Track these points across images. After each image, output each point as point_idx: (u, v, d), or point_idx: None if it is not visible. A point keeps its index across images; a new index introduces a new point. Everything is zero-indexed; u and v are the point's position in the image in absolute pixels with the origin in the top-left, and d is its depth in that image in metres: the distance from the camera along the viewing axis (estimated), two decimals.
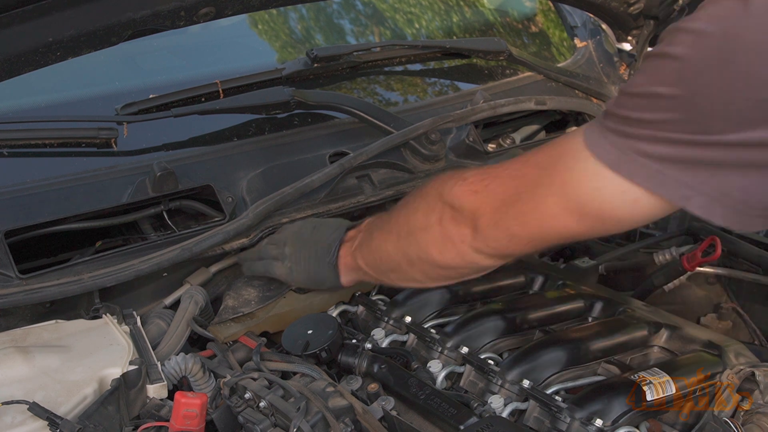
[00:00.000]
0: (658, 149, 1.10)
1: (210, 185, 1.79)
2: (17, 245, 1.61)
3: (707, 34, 1.05)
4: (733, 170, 1.07)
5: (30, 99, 1.98)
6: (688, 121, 1.07)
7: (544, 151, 1.28)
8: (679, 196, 1.10)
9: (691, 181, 1.09)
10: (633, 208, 1.16)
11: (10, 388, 1.37)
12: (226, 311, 1.70)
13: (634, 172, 1.12)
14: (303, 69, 2.11)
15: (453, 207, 1.33)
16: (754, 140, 1.05)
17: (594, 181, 1.16)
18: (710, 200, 1.09)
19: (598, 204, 1.18)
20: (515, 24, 2.78)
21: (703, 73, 1.05)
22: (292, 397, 1.39)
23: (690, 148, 1.08)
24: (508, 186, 1.29)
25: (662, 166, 1.10)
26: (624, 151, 1.12)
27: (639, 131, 1.11)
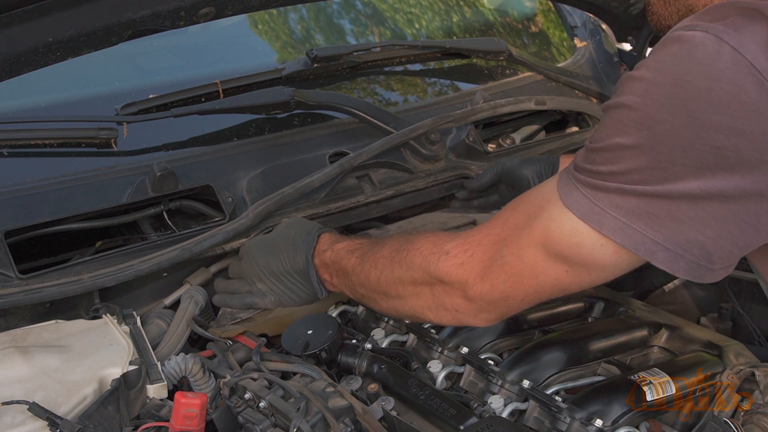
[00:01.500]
0: (626, 202, 1.12)
1: (210, 185, 1.79)
2: (17, 245, 1.61)
3: (658, 82, 1.07)
4: (694, 225, 1.10)
5: (30, 99, 1.98)
6: (653, 168, 1.09)
7: (521, 208, 1.29)
8: (645, 251, 1.13)
9: (656, 236, 1.11)
10: (615, 260, 1.18)
11: (10, 388, 1.37)
12: (225, 317, 1.70)
13: (603, 225, 1.14)
14: (303, 69, 2.11)
15: (442, 281, 1.34)
16: (714, 190, 1.07)
17: (573, 237, 1.18)
18: (674, 255, 1.12)
19: (581, 256, 1.19)
20: (515, 24, 2.78)
21: (660, 121, 1.07)
22: (292, 397, 1.39)
23: (655, 201, 1.10)
24: (492, 250, 1.29)
25: (629, 220, 1.12)
26: (595, 204, 1.15)
27: (608, 184, 1.13)
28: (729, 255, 1.14)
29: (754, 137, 1.04)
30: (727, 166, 1.06)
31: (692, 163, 1.06)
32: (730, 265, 1.17)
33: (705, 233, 1.10)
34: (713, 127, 1.04)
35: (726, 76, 1.03)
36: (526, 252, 1.24)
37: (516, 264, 1.26)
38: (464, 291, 1.31)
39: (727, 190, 1.07)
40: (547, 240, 1.22)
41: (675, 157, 1.07)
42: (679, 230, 1.10)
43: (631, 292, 1.94)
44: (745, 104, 1.03)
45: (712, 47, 1.03)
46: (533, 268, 1.24)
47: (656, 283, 1.94)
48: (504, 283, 1.28)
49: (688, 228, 1.10)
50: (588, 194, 1.15)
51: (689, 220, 1.09)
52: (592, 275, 1.22)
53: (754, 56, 1.02)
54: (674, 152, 1.07)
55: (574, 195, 1.17)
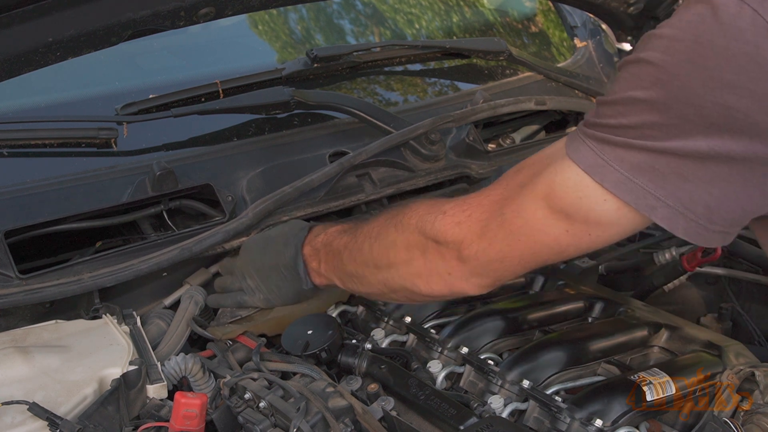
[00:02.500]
0: (632, 156, 1.11)
1: (210, 184, 1.79)
2: (17, 245, 1.61)
3: (680, 39, 1.08)
4: (699, 184, 1.09)
5: (30, 99, 1.98)
6: (664, 124, 1.09)
7: (525, 170, 1.28)
8: (645, 205, 1.12)
9: (658, 191, 1.11)
10: (616, 218, 1.16)
11: (10, 388, 1.37)
12: (224, 315, 1.70)
13: (606, 178, 1.13)
14: (303, 69, 2.11)
15: (437, 241, 1.31)
16: (722, 151, 1.07)
17: (577, 190, 1.17)
18: (674, 212, 1.11)
19: (584, 212, 1.18)
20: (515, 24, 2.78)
21: (677, 76, 1.07)
22: (291, 397, 1.39)
23: (662, 157, 1.09)
24: (491, 209, 1.27)
25: (633, 174, 1.12)
26: (601, 157, 1.14)
27: (616, 138, 1.13)
28: (731, 217, 1.13)
29: (765, 99, 1.04)
30: (736, 127, 1.05)
31: (703, 121, 1.06)
32: (729, 231, 1.14)
33: (710, 192, 1.09)
34: (727, 86, 1.04)
35: (745, 36, 1.04)
36: (528, 208, 1.22)
37: (515, 221, 1.23)
38: (459, 251, 1.28)
39: (735, 151, 1.06)
40: (550, 194, 1.20)
41: (687, 113, 1.07)
42: (683, 187, 1.10)
43: (631, 292, 1.94)
44: (761, 66, 1.03)
45: (734, 8, 1.04)
46: (533, 226, 1.22)
47: (656, 283, 1.94)
48: (502, 241, 1.25)
49: (692, 186, 1.09)
50: (594, 147, 1.14)
51: (695, 178, 1.09)
52: (592, 235, 1.20)
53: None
54: (687, 109, 1.07)
55: (581, 148, 1.16)
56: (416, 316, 1.63)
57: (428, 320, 1.64)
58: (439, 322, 1.63)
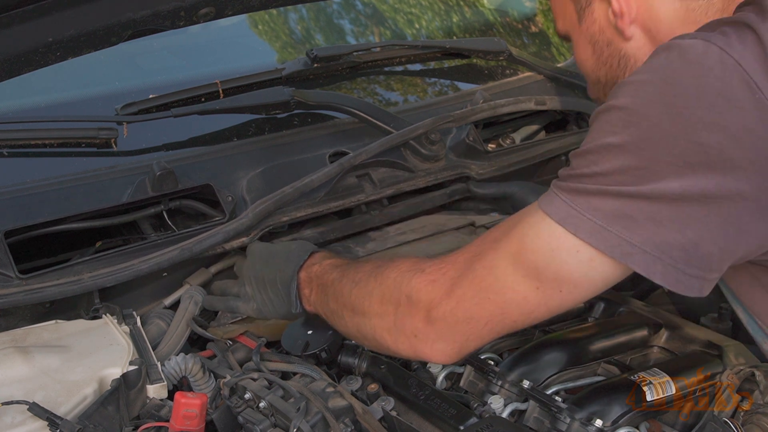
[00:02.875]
0: (605, 203, 1.11)
1: (210, 184, 1.79)
2: (17, 245, 1.61)
3: (648, 82, 1.09)
4: (674, 227, 1.09)
5: (30, 99, 1.98)
6: (636, 167, 1.09)
7: (500, 227, 1.27)
8: (621, 253, 1.11)
9: (633, 237, 1.10)
10: (589, 270, 1.16)
11: (10, 388, 1.37)
12: (224, 316, 1.70)
13: (579, 227, 1.13)
14: (303, 69, 2.11)
15: (409, 298, 1.30)
16: (695, 190, 1.07)
17: (549, 243, 1.16)
18: (651, 258, 1.11)
19: (555, 267, 1.17)
20: (515, 24, 2.78)
21: (647, 117, 1.08)
22: (291, 397, 1.39)
23: (635, 203, 1.09)
24: (464, 266, 1.26)
25: (606, 223, 1.11)
26: (574, 208, 1.14)
27: (589, 186, 1.13)
28: (709, 259, 1.12)
29: (738, 134, 1.05)
30: (709, 163, 1.06)
31: (675, 160, 1.07)
32: (706, 276, 1.13)
33: (685, 234, 1.09)
34: (698, 123, 1.05)
35: (713, 73, 1.05)
36: (499, 264, 1.21)
37: (486, 277, 1.23)
38: (428, 311, 1.27)
39: (709, 189, 1.07)
40: (521, 249, 1.19)
41: (659, 154, 1.07)
42: (658, 232, 1.09)
43: (631, 293, 1.93)
44: (730, 101, 1.04)
45: (701, 48, 1.06)
46: (503, 282, 1.21)
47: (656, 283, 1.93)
48: (470, 300, 1.24)
49: (667, 230, 1.09)
50: (567, 199, 1.15)
51: (668, 221, 1.09)
52: (563, 292, 1.19)
53: (741, 56, 1.05)
54: (658, 149, 1.07)
55: (554, 201, 1.17)
56: None
57: None
58: None
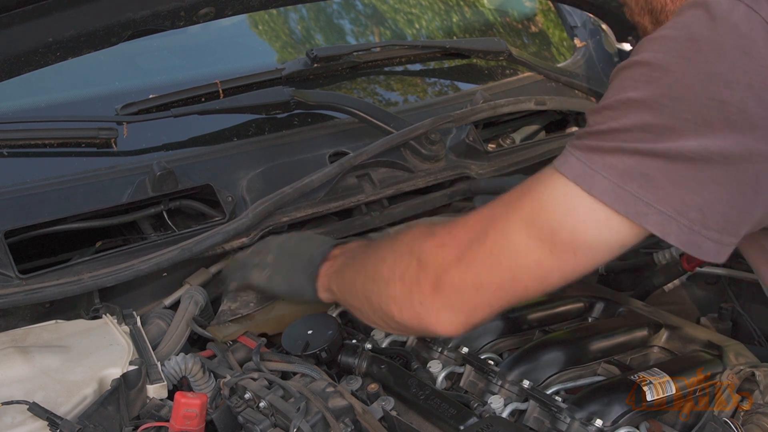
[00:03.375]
0: (621, 161, 1.09)
1: (210, 185, 1.79)
2: (17, 245, 1.61)
3: (673, 37, 1.07)
4: (691, 187, 1.07)
5: (30, 99, 1.98)
6: (655, 124, 1.07)
7: (514, 191, 1.22)
8: (635, 212, 1.08)
9: (648, 197, 1.08)
10: (604, 231, 1.12)
11: (10, 388, 1.37)
12: (225, 313, 1.70)
13: (594, 185, 1.10)
14: (303, 69, 2.11)
15: (419, 261, 1.25)
16: (714, 149, 1.05)
17: (564, 202, 1.13)
18: (666, 218, 1.08)
19: (570, 228, 1.13)
20: (515, 24, 2.78)
21: (669, 72, 1.06)
22: (292, 397, 1.39)
23: (652, 161, 1.07)
24: (475, 229, 1.21)
25: (622, 180, 1.08)
26: (589, 165, 1.11)
27: (606, 143, 1.10)
28: (726, 219, 1.09)
29: (760, 92, 1.03)
30: (729, 122, 1.04)
31: (695, 118, 1.04)
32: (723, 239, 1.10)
33: (702, 195, 1.06)
34: (721, 80, 1.03)
35: (739, 29, 1.03)
36: (512, 227, 1.17)
37: (498, 241, 1.18)
38: (437, 276, 1.22)
39: (728, 149, 1.04)
40: (535, 210, 1.15)
41: (679, 110, 1.05)
42: (675, 192, 1.07)
43: (631, 293, 1.94)
44: (755, 59, 1.02)
45: (727, 5, 1.04)
46: (516, 246, 1.17)
47: (656, 283, 1.94)
48: (481, 264, 1.19)
49: (684, 189, 1.06)
50: (582, 157, 1.11)
51: (686, 181, 1.06)
52: (577, 255, 1.14)
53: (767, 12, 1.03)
54: (679, 105, 1.05)
55: (569, 160, 1.13)
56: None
57: None
58: None
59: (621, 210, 1.09)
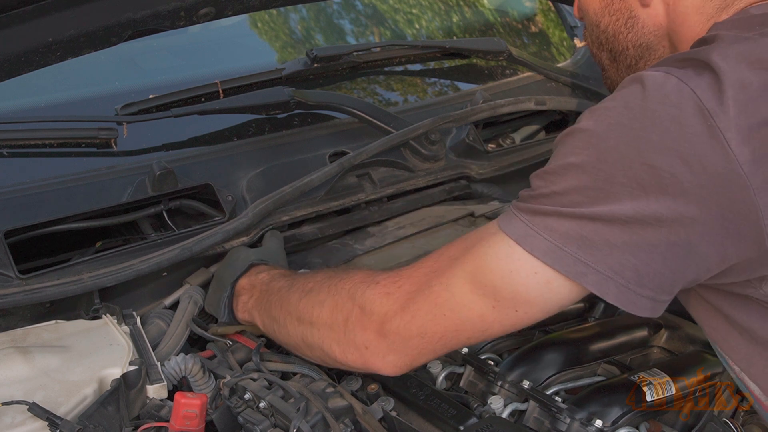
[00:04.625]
0: (561, 224, 1.13)
1: (210, 184, 1.79)
2: (17, 245, 1.61)
3: (611, 107, 1.14)
4: (627, 249, 1.11)
5: (30, 99, 1.98)
6: (592, 188, 1.12)
7: (458, 244, 1.27)
8: (575, 272, 1.13)
9: (587, 258, 1.12)
10: (545, 291, 1.17)
11: (10, 388, 1.37)
12: None
13: (535, 246, 1.14)
14: (303, 69, 2.11)
15: (362, 309, 1.30)
16: (648, 213, 1.09)
17: (507, 262, 1.17)
18: (604, 278, 1.12)
19: (512, 287, 1.18)
20: (515, 24, 2.78)
21: (605, 138, 1.12)
22: (291, 397, 1.39)
23: (590, 224, 1.12)
24: (421, 281, 1.26)
25: (562, 243, 1.13)
26: (531, 226, 1.15)
27: (547, 206, 1.15)
28: (660, 279, 1.14)
29: (690, 160, 1.07)
30: (662, 187, 1.08)
31: (630, 182, 1.09)
32: (658, 297, 1.15)
33: (637, 256, 1.11)
34: (653, 147, 1.09)
35: (670, 99, 1.09)
36: (456, 282, 1.22)
37: (442, 294, 1.23)
38: (381, 323, 1.27)
39: (661, 212, 1.09)
40: (480, 268, 1.20)
41: (614, 175, 1.10)
42: (612, 253, 1.11)
43: None
44: (684, 127, 1.08)
45: (661, 78, 1.11)
46: (459, 300, 1.22)
47: None
48: (425, 315, 1.24)
49: (620, 251, 1.11)
50: (525, 219, 1.17)
51: (622, 243, 1.11)
52: (518, 311, 1.20)
53: (696, 85, 1.09)
54: (614, 170, 1.10)
55: (513, 221, 1.18)
56: None
57: None
58: None
59: (561, 270, 1.14)
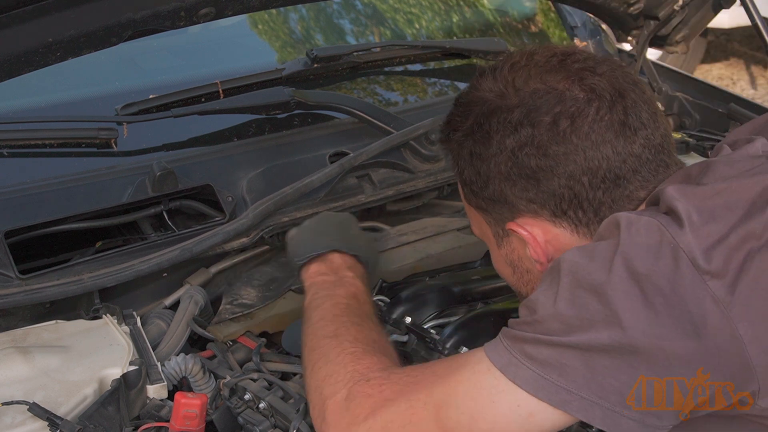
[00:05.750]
0: (539, 352, 1.12)
1: (210, 185, 1.79)
2: (17, 245, 1.61)
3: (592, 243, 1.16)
4: (608, 373, 1.09)
5: (30, 99, 1.98)
6: (566, 315, 1.11)
7: (446, 361, 1.25)
8: (558, 400, 1.11)
9: (569, 385, 1.10)
10: (526, 424, 1.13)
11: (10, 388, 1.37)
12: (225, 311, 1.70)
13: (518, 375, 1.12)
14: (303, 69, 2.11)
15: (345, 398, 1.25)
16: (624, 342, 1.08)
17: (490, 393, 1.14)
18: (589, 404, 1.11)
19: (492, 418, 1.14)
20: (515, 24, 2.78)
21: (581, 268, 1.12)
22: (291, 398, 1.39)
23: (567, 351, 1.10)
24: (398, 391, 1.22)
25: (543, 370, 1.11)
26: (514, 354, 1.14)
27: (528, 334, 1.14)
28: (645, 399, 1.12)
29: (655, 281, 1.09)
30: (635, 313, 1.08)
31: (604, 309, 1.08)
32: (643, 420, 1.12)
33: (619, 378, 1.10)
34: None
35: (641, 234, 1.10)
36: (421, 398, 1.18)
37: (405, 413, 1.18)
38: (349, 424, 1.22)
39: (636, 339, 1.08)
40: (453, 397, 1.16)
41: (589, 302, 1.09)
42: (593, 378, 1.10)
43: None
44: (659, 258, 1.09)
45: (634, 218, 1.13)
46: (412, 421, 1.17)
47: None
48: (379, 428, 1.19)
49: (601, 376, 1.10)
50: (509, 346, 1.15)
51: (602, 368, 1.09)
52: None
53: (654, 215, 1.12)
54: (588, 297, 1.10)
55: (498, 348, 1.16)
56: (416, 317, 1.63)
57: (428, 320, 1.64)
58: (439, 323, 1.63)
59: (544, 398, 1.11)
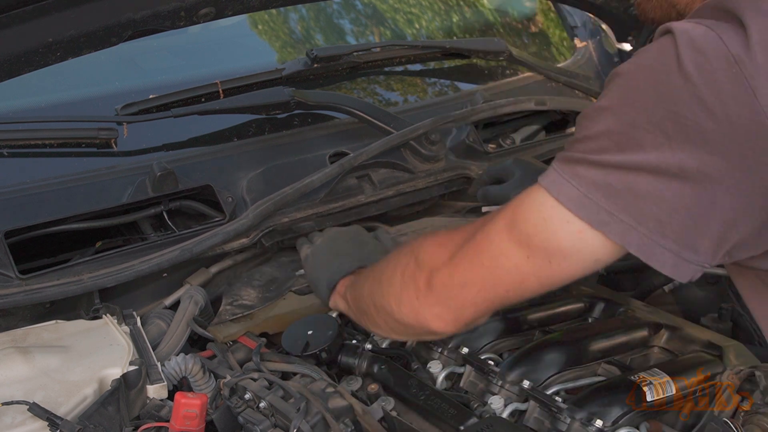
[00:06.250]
0: (588, 171, 1.14)
1: (210, 185, 1.79)
2: (17, 245, 1.61)
3: (645, 53, 1.14)
4: (650, 198, 1.11)
5: (30, 99, 1.98)
6: (617, 132, 1.12)
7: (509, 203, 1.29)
8: (598, 221, 1.13)
9: (611, 206, 1.12)
10: (577, 241, 1.16)
11: (10, 388, 1.37)
12: (226, 312, 1.70)
13: (562, 192, 1.15)
14: (303, 69, 2.11)
15: (417, 259, 1.33)
16: (672, 163, 1.09)
17: (540, 210, 1.18)
18: (627, 228, 1.12)
19: (543, 235, 1.18)
20: (515, 24, 2.78)
21: (633, 82, 1.13)
22: (292, 397, 1.39)
23: (615, 172, 1.12)
24: (468, 233, 1.28)
25: (588, 191, 1.13)
26: (562, 174, 1.16)
27: (576, 153, 1.16)
28: (683, 230, 1.12)
29: (713, 108, 1.06)
30: (685, 135, 1.07)
31: (653, 129, 1.09)
32: (681, 252, 1.12)
33: (660, 205, 1.11)
34: (677, 93, 1.08)
35: (696, 44, 1.08)
36: (495, 231, 1.23)
37: (482, 243, 1.25)
38: (431, 273, 1.29)
39: (684, 163, 1.08)
40: (517, 215, 1.21)
41: (638, 120, 1.10)
42: (635, 202, 1.11)
43: (631, 293, 1.94)
44: (707, 73, 1.07)
45: (690, 26, 1.10)
46: (497, 247, 1.23)
47: (656, 283, 1.94)
48: (467, 264, 1.26)
49: (643, 200, 1.11)
50: (558, 167, 1.17)
51: (646, 192, 1.10)
52: (552, 264, 1.19)
53: (723, 32, 1.08)
54: (638, 115, 1.10)
55: (549, 171, 1.19)
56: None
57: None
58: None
59: (584, 218, 1.14)
